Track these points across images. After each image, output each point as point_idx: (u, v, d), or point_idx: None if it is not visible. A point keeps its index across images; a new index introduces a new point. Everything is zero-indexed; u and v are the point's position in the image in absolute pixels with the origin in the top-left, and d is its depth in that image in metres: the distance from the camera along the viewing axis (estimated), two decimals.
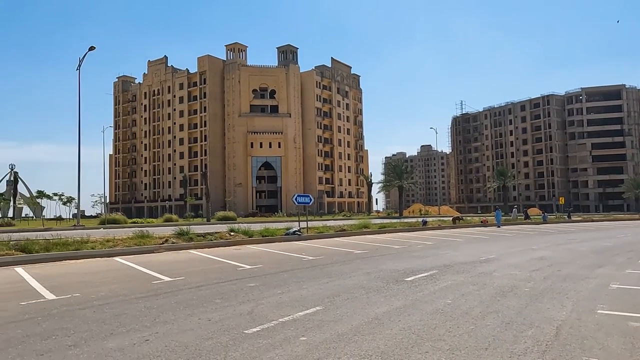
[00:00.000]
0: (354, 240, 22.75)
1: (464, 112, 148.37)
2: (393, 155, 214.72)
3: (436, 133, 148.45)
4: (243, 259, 14.37)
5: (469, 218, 48.70)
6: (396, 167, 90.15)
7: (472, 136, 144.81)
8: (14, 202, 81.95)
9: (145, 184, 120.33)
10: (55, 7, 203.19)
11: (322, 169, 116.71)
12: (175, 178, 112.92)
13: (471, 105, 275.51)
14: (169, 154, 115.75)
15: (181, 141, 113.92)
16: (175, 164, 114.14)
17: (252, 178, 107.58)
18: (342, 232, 26.43)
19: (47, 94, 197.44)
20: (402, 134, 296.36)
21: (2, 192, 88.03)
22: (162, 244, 17.64)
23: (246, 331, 5.94)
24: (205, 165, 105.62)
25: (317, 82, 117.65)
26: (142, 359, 4.90)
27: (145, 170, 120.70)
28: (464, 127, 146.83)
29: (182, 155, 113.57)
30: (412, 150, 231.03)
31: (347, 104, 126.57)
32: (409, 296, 8.30)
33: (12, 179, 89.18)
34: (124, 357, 4.98)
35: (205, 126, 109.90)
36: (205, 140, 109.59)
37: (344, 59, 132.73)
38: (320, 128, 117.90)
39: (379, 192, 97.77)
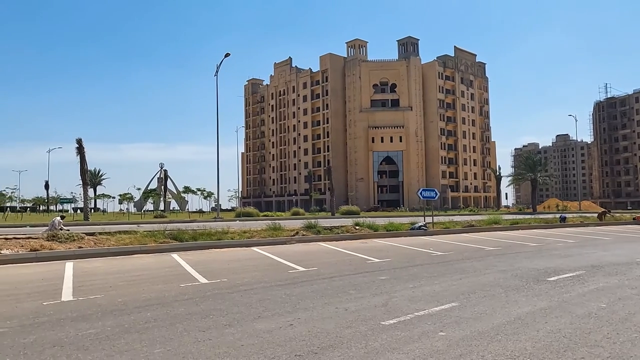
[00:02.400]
0: (483, 236, 21.68)
1: (609, 97, 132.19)
2: (524, 146, 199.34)
3: (576, 121, 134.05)
4: (370, 252, 14.54)
5: (617, 215, 43.36)
6: (528, 158, 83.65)
7: (619, 123, 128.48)
8: (164, 197, 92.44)
9: (273, 179, 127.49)
10: (196, 21, 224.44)
11: (445, 163, 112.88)
12: (300, 174, 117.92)
13: (618, 88, 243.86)
14: (294, 151, 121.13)
15: (305, 138, 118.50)
16: (300, 160, 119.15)
17: (373, 173, 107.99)
18: (470, 228, 25.35)
19: (189, 100, 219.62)
20: (534, 124, 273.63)
21: (154, 188, 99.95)
22: (293, 236, 18.58)
23: (383, 322, 6.03)
24: (328, 161, 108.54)
25: (439, 73, 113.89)
26: (288, 341, 5.24)
27: (273, 167, 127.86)
28: (609, 112, 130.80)
29: (306, 152, 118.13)
30: (545, 141, 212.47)
31: (471, 94, 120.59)
32: (554, 297, 7.70)
33: (162, 176, 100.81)
34: (272, 338, 5.37)
35: (327, 123, 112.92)
36: (327, 137, 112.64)
37: (468, 47, 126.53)
38: (443, 120, 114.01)
39: (508, 186, 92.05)
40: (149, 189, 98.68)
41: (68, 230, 17.27)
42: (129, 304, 7.29)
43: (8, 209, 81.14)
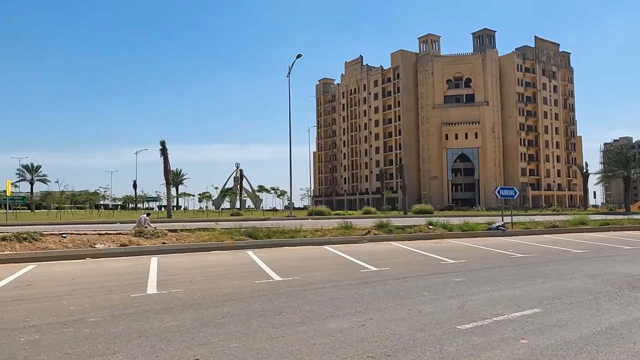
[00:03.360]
0: (568, 237, 20.27)
1: None
2: (615, 141, 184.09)
3: None
4: (445, 253, 14.11)
5: None
6: (619, 154, 77.01)
7: None
8: (240, 196, 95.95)
9: (345, 178, 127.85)
10: (269, 23, 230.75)
11: (525, 160, 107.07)
12: (371, 172, 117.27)
13: None
14: (366, 149, 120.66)
15: (376, 136, 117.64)
16: (371, 159, 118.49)
17: (447, 171, 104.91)
18: (553, 229, 23.83)
19: (263, 101, 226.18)
20: (627, 116, 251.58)
21: (230, 187, 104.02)
22: (365, 234, 18.49)
23: (459, 327, 5.80)
24: (400, 159, 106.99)
25: (518, 65, 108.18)
26: (360, 342, 5.19)
27: (345, 165, 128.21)
28: None
29: (377, 150, 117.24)
30: None
31: (554, 86, 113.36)
32: None
33: (238, 175, 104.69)
34: (344, 338, 5.35)
35: (399, 120, 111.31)
36: (399, 135, 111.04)
37: (550, 36, 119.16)
38: (523, 115, 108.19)
39: (596, 184, 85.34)
40: (225, 188, 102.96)
41: (154, 227, 18.39)
42: (207, 298, 7.60)
43: (102, 206, 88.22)
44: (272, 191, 71.21)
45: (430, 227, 21.68)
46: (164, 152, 51.41)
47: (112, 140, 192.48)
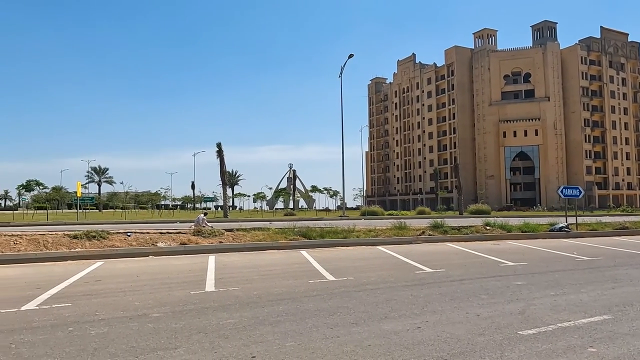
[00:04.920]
0: None
1: None
2: None
3: None
4: (503, 255, 13.60)
5: None
6: None
7: None
8: (293, 196, 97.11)
9: (398, 178, 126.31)
10: (320, 23, 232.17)
11: (590, 157, 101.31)
12: (425, 172, 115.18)
13: None
14: (419, 149, 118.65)
15: (430, 135, 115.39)
16: (425, 158, 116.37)
17: (505, 169, 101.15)
18: (622, 230, 22.40)
19: (315, 101, 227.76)
20: None
21: (284, 187, 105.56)
22: (419, 235, 18.18)
23: (520, 332, 5.57)
24: (455, 158, 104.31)
25: (582, 57, 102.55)
26: (416, 345, 5.10)
27: (397, 165, 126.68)
28: None
29: (431, 149, 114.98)
30: None
31: (622, 79, 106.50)
32: None
33: (291, 176, 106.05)
34: (399, 340, 5.28)
35: (453, 119, 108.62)
36: (454, 133, 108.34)
37: (618, 26, 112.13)
38: (587, 110, 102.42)
39: None
40: (279, 188, 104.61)
41: (211, 226, 18.97)
42: (263, 297, 7.74)
43: (162, 206, 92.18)
44: (325, 191, 71.62)
45: (488, 228, 20.98)
46: (220, 153, 52.98)
47: (172, 142, 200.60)
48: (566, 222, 23.06)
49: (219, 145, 52.92)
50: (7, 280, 9.69)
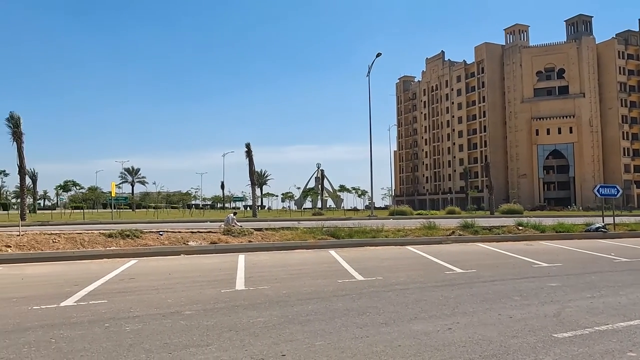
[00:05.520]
0: None
1: None
2: None
3: None
4: (537, 256, 13.28)
5: None
6: None
7: None
8: (321, 195, 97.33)
9: (427, 177, 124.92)
10: (347, 22, 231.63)
11: (628, 155, 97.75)
12: (455, 171, 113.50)
13: None
14: (449, 147, 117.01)
15: (460, 134, 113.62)
16: (454, 157, 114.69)
17: (538, 168, 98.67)
18: None
19: (343, 101, 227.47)
20: None
21: (312, 187, 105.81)
22: (449, 235, 17.93)
23: (555, 335, 5.43)
24: (486, 156, 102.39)
25: (619, 52, 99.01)
26: (446, 346, 5.04)
27: (426, 164, 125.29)
28: None
29: (461, 148, 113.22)
30: None
31: None
32: None
33: (319, 176, 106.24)
34: (429, 341, 5.22)
35: (484, 117, 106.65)
36: (484, 131, 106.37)
37: None
38: (625, 106, 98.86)
39: None
40: (307, 188, 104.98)
41: (240, 225, 19.20)
42: (292, 296, 7.79)
43: (193, 206, 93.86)
44: (353, 191, 71.45)
45: (520, 228, 20.51)
46: (249, 154, 53.54)
47: (202, 143, 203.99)
48: (603, 222, 22.33)
49: (247, 145, 53.52)
50: (47, 277, 10.05)
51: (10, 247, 13.25)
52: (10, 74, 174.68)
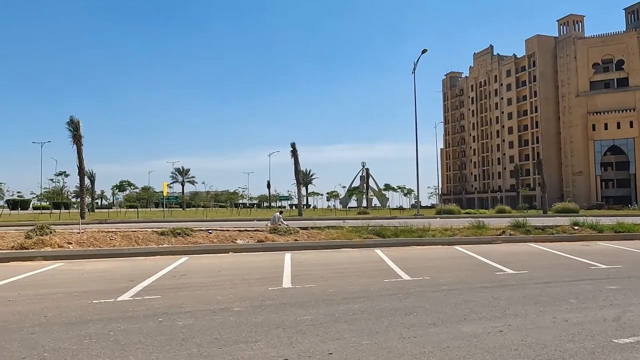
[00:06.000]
0: None
1: None
2: None
3: None
4: (594, 257, 12.65)
5: None
6: None
7: None
8: (367, 194, 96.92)
9: (475, 175, 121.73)
10: (391, 19, 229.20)
11: None
12: (505, 168, 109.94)
13: None
14: (498, 145, 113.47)
15: (510, 130, 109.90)
16: (504, 154, 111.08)
17: (595, 165, 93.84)
18: None
19: (387, 99, 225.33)
20: None
21: (357, 186, 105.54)
22: (499, 235, 17.41)
23: (615, 340, 5.16)
24: (538, 153, 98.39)
25: None
26: (498, 349, 4.90)
27: (475, 162, 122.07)
28: None
29: (511, 145, 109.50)
30: None
31: None
32: None
33: (364, 174, 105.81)
34: (479, 343, 5.10)
35: (535, 112, 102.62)
36: (536, 127, 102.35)
37: None
38: None
39: None
40: (352, 187, 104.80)
41: (286, 224, 19.43)
42: (338, 294, 7.81)
43: (240, 205, 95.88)
44: (399, 190, 70.69)
45: (576, 227, 19.61)
46: (294, 153, 54.05)
47: (248, 143, 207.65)
48: None
49: (293, 145, 54.02)
50: (105, 272, 10.56)
51: (72, 244, 14.02)
52: (70, 81, 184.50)
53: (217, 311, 6.67)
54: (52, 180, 72.36)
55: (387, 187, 76.67)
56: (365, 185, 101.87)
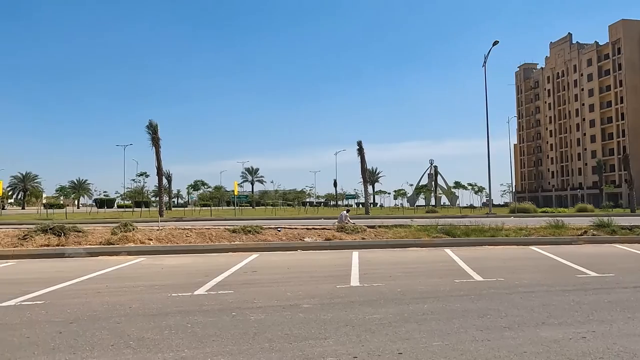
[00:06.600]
0: None
1: None
2: None
3: None
4: None
5: None
6: None
7: None
8: (435, 192, 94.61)
9: (552, 172, 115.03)
10: (459, 12, 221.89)
11: None
12: (586, 164, 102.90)
13: None
14: (578, 139, 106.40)
15: (591, 123, 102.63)
16: (585, 149, 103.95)
17: None
18: None
19: (456, 94, 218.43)
20: None
21: (425, 183, 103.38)
22: (581, 235, 16.34)
23: None
24: (624, 147, 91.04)
25: None
26: (581, 356, 4.60)
27: (552, 158, 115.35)
28: None
29: (593, 139, 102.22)
30: None
31: None
32: None
33: (432, 172, 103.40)
34: (560, 349, 4.82)
35: (621, 102, 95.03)
36: (622, 119, 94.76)
37: None
38: None
39: None
40: (420, 184, 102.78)
41: (353, 223, 19.45)
42: (407, 294, 7.70)
43: (307, 203, 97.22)
44: (469, 187, 68.39)
45: None
46: (360, 151, 53.95)
47: (315, 142, 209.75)
48: None
49: (359, 143, 53.93)
50: (182, 267, 11.14)
51: (152, 240, 14.92)
52: (147, 86, 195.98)
53: (287, 307, 6.81)
54: (134, 180, 77.33)
55: (457, 184, 74.26)
56: (433, 183, 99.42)
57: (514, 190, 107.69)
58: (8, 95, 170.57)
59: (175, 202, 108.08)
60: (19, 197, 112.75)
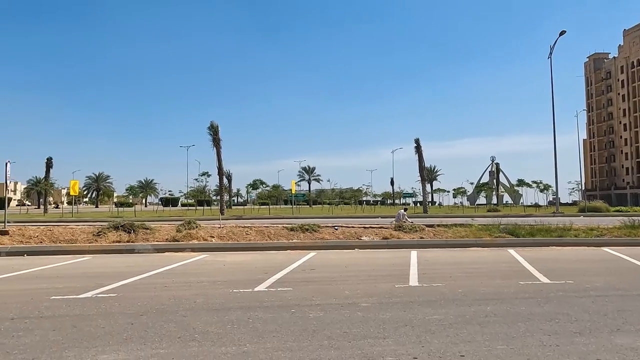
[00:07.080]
0: None
1: None
2: None
3: None
4: None
5: None
6: None
7: None
8: (497, 190, 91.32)
9: (627, 168, 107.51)
10: (525, 5, 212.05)
11: None
12: None
13: None
14: None
15: None
16: None
17: None
18: None
19: (519, 88, 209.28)
20: None
21: (486, 181, 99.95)
22: None
23: None
24: None
25: None
26: None
27: (626, 153, 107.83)
28: None
29: None
30: None
31: None
32: None
33: (493, 169, 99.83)
34: (637, 358, 4.51)
35: None
36: None
37: None
38: None
39: None
40: (480, 182, 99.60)
41: (411, 222, 19.17)
42: (468, 295, 7.49)
43: (364, 202, 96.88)
44: (534, 185, 65.36)
45: None
46: (418, 149, 53.08)
47: (372, 141, 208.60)
48: None
49: (417, 141, 53.06)
50: (242, 264, 11.46)
51: (214, 237, 15.46)
52: (210, 89, 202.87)
53: (345, 305, 6.83)
54: (196, 179, 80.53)
55: (520, 182, 71.19)
56: (495, 180, 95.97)
57: (583, 188, 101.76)
58: (82, 100, 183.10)
59: (235, 201, 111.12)
60: (93, 196, 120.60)
